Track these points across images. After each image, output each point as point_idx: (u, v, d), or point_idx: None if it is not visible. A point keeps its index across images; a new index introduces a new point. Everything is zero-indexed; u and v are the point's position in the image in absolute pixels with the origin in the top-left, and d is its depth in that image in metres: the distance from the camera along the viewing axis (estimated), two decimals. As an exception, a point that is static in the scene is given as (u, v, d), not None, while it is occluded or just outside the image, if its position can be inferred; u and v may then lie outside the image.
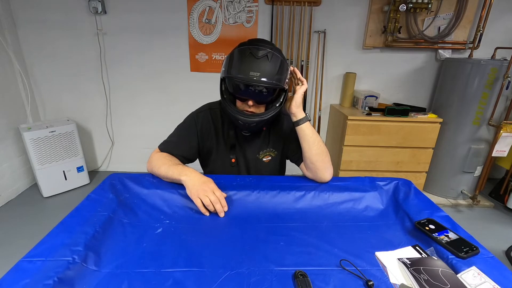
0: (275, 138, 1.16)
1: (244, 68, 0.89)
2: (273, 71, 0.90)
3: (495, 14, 2.35)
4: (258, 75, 0.88)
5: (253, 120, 0.96)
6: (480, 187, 2.46)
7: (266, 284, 0.63)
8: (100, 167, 2.97)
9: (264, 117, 0.97)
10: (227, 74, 0.92)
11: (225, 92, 0.99)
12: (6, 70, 2.36)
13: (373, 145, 2.33)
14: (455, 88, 2.31)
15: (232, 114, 0.97)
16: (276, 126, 1.15)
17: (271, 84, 0.91)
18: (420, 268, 0.65)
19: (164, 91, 2.68)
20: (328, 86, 2.67)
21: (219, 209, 0.87)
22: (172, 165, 0.98)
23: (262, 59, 0.89)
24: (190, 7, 2.40)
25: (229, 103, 0.98)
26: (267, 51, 0.90)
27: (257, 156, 1.16)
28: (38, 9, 2.38)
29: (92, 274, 0.64)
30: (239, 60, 0.91)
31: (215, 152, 1.15)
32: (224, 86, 1.00)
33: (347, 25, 2.48)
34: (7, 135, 2.36)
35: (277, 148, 1.17)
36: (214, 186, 0.90)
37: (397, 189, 1.00)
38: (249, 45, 0.93)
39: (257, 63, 0.89)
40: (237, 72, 0.90)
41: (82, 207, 0.84)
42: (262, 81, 0.89)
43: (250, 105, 0.96)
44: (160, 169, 0.99)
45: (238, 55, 0.92)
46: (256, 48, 0.90)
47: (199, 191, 0.88)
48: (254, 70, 0.88)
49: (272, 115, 0.99)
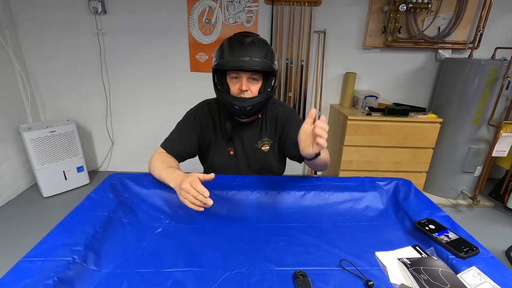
0: (270, 128, 1.18)
1: (234, 55, 0.94)
2: (262, 55, 0.95)
3: (495, 14, 2.35)
4: (248, 60, 0.93)
5: (249, 104, 0.99)
6: (480, 187, 2.46)
7: (266, 284, 0.63)
8: (100, 167, 2.97)
9: (258, 99, 1.00)
10: (219, 64, 0.97)
11: (218, 83, 1.03)
12: (6, 70, 2.36)
13: (373, 145, 2.33)
14: (455, 88, 2.31)
15: (228, 100, 1.00)
16: (270, 115, 1.17)
17: (262, 64, 0.95)
18: (420, 268, 0.65)
19: (164, 91, 2.68)
20: (328, 86, 2.67)
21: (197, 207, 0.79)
22: (163, 169, 0.98)
23: (250, 44, 0.95)
24: (190, 7, 2.41)
25: (224, 92, 1.02)
26: (253, 37, 0.97)
27: (255, 146, 1.17)
28: (38, 9, 2.38)
29: (92, 274, 0.64)
30: (228, 48, 0.96)
31: (214, 146, 1.17)
32: (216, 78, 1.04)
33: (347, 25, 2.48)
34: (7, 135, 2.36)
35: (273, 138, 1.19)
36: (187, 187, 0.80)
37: (397, 189, 1.00)
38: (235, 35, 1.00)
39: (246, 48, 0.94)
40: (228, 59, 0.95)
41: (82, 207, 0.84)
42: (253, 61, 0.94)
43: (244, 90, 0.99)
44: (155, 173, 1.02)
45: (226, 44, 0.97)
46: (243, 36, 0.97)
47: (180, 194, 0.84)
48: (244, 55, 0.93)
49: (265, 98, 1.02)
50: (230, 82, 1.02)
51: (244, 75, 0.99)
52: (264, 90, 1.03)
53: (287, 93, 2.61)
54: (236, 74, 0.99)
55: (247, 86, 1.00)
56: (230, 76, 1.02)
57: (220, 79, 1.03)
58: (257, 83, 1.02)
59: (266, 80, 1.04)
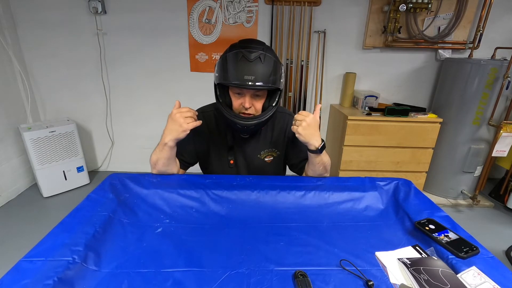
0: (277, 138, 1.15)
1: (238, 73, 0.89)
2: (267, 73, 0.91)
3: (495, 14, 2.35)
4: (253, 79, 0.89)
5: (251, 123, 0.97)
6: (480, 187, 2.46)
7: (266, 284, 0.63)
8: (100, 167, 2.97)
9: (261, 118, 0.98)
10: (222, 80, 0.93)
11: (220, 96, 0.99)
12: (6, 70, 2.36)
13: (373, 145, 2.33)
14: (455, 88, 2.31)
15: (229, 118, 0.97)
16: (278, 125, 1.15)
17: (266, 87, 0.92)
18: (420, 268, 0.65)
19: (164, 91, 2.68)
20: (328, 86, 2.67)
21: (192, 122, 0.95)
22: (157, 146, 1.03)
23: (255, 62, 0.90)
24: (190, 7, 2.40)
25: (225, 107, 0.98)
26: (259, 53, 0.90)
27: (258, 156, 1.15)
28: (38, 9, 2.38)
29: (92, 274, 0.64)
30: (232, 65, 0.91)
31: (212, 154, 1.16)
32: (219, 90, 1.00)
33: (347, 25, 2.48)
34: (7, 135, 2.36)
35: (280, 148, 1.17)
36: (174, 111, 0.96)
37: (397, 189, 1.00)
38: (240, 47, 0.93)
39: (251, 66, 0.89)
40: (232, 77, 0.90)
41: (82, 207, 0.84)
42: (258, 85, 0.90)
43: (247, 108, 0.97)
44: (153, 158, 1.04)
45: (230, 59, 0.92)
46: (248, 51, 0.90)
47: (173, 121, 0.96)
48: (248, 74, 0.89)
49: (269, 116, 0.99)
50: (233, 96, 0.99)
51: (247, 92, 0.95)
52: (269, 106, 1.00)
53: (287, 93, 2.61)
54: (240, 90, 0.96)
55: (250, 103, 0.97)
56: (233, 91, 0.98)
57: (221, 91, 0.99)
58: (260, 99, 0.99)
59: (271, 95, 1.01)
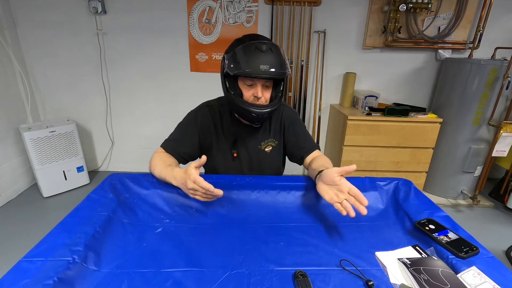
0: (275, 128, 1.18)
1: (255, 63, 0.93)
2: (279, 62, 0.96)
3: (495, 14, 2.35)
4: (267, 67, 0.93)
5: (266, 111, 1.00)
6: (480, 187, 2.46)
7: (266, 284, 0.63)
8: (100, 167, 2.97)
9: (274, 106, 1.01)
10: (237, 71, 0.95)
11: (230, 88, 1.01)
12: (6, 70, 2.36)
13: (373, 145, 2.33)
14: (455, 88, 2.31)
15: (244, 108, 0.99)
16: (274, 115, 1.17)
17: (281, 74, 0.96)
18: (420, 268, 0.65)
19: (164, 91, 2.68)
20: (328, 86, 2.67)
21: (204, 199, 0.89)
22: (163, 168, 0.99)
23: (268, 52, 0.94)
24: (190, 7, 2.40)
25: (238, 97, 1.01)
26: (270, 44, 0.96)
27: (258, 147, 1.17)
28: (38, 9, 2.38)
29: (92, 274, 0.64)
30: (247, 56, 0.94)
31: (216, 148, 1.17)
32: (228, 83, 1.01)
33: (347, 25, 2.48)
34: (7, 135, 2.36)
35: (278, 138, 1.19)
36: (193, 186, 0.84)
37: (397, 189, 1.00)
38: (249, 40, 0.97)
39: (264, 57, 0.94)
40: (248, 67, 0.93)
41: (82, 207, 0.83)
42: (272, 71, 0.94)
43: (259, 97, 1.00)
44: (155, 172, 1.01)
45: (243, 51, 0.95)
46: (260, 43, 0.95)
47: (189, 193, 0.89)
48: (264, 64, 0.93)
49: (279, 104, 1.04)
50: (243, 87, 1.01)
51: (259, 82, 0.99)
52: (275, 96, 1.04)
53: (287, 93, 2.61)
54: (252, 81, 0.99)
55: (262, 93, 1.00)
56: (245, 82, 1.00)
57: (231, 84, 1.01)
58: (269, 89, 1.03)
59: (276, 85, 1.05)
